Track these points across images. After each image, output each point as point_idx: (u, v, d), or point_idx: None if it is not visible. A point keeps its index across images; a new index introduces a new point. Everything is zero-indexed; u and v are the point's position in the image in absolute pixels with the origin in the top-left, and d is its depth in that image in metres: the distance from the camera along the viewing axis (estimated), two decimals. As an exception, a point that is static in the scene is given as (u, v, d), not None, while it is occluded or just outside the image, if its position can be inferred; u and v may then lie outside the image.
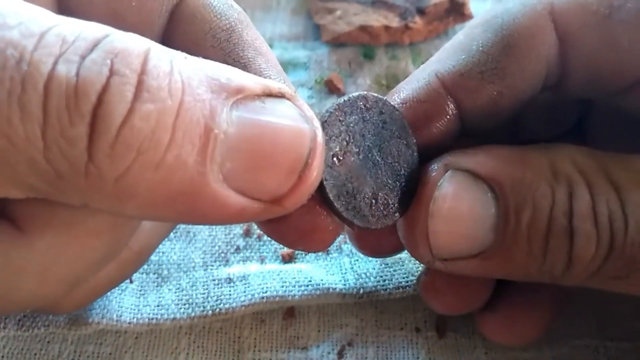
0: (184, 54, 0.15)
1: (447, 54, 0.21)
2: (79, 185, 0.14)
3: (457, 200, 0.19)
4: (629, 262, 0.18)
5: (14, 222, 0.16)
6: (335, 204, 0.18)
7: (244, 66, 0.19)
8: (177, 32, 0.20)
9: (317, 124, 0.16)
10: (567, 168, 0.18)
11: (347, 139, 0.19)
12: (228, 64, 0.18)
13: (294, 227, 0.18)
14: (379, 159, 0.19)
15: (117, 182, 0.13)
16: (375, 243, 0.23)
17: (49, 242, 0.16)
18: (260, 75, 0.19)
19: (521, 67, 0.19)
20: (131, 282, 0.26)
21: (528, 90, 0.20)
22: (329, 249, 0.28)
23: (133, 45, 0.14)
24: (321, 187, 0.18)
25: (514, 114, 0.21)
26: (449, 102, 0.20)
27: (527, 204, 0.18)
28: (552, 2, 0.20)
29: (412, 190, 0.20)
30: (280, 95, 0.16)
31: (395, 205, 0.20)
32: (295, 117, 0.15)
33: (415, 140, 0.20)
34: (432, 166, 0.20)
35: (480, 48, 0.20)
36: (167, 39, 0.20)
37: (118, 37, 0.14)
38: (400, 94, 0.20)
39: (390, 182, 0.20)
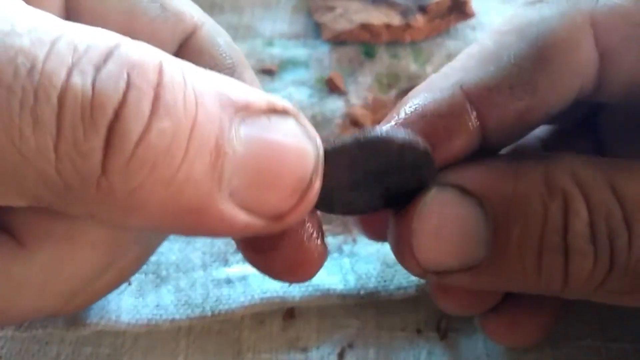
0: (193, 66, 0.15)
1: (475, 63, 0.19)
2: (88, 197, 0.13)
3: (443, 217, 0.18)
4: (634, 279, 0.17)
5: (12, 235, 0.16)
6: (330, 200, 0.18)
7: None
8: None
9: (319, 143, 0.16)
10: (564, 181, 0.17)
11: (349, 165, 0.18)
12: None
13: (282, 258, 0.18)
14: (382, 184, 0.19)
15: (128, 196, 0.13)
16: (379, 226, 0.22)
17: (49, 255, 0.16)
18: None
19: (555, 83, 0.18)
20: (130, 284, 0.26)
21: (558, 106, 0.19)
22: (329, 249, 0.28)
23: (147, 56, 0.14)
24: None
25: (537, 127, 0.20)
26: (472, 118, 0.18)
27: (517, 220, 0.17)
28: (593, 11, 0.18)
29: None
30: (285, 112, 0.16)
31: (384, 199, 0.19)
32: (300, 136, 0.15)
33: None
34: None
35: (512, 60, 0.18)
36: None
37: (131, 46, 0.14)
38: (419, 102, 0.19)
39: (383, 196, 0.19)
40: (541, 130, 0.27)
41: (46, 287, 0.16)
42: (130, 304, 0.25)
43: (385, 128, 0.18)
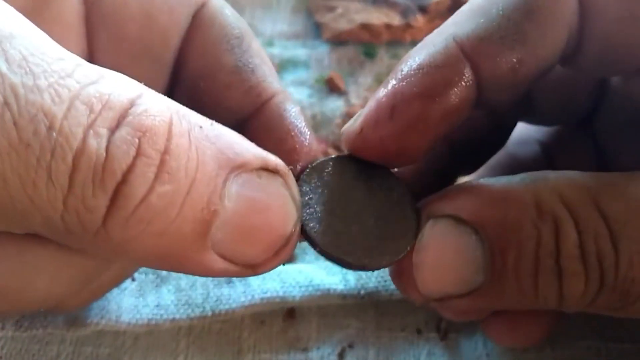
0: (200, 122, 0.16)
1: (465, 17, 0.19)
2: (85, 240, 0.15)
3: (441, 248, 0.19)
4: (623, 295, 0.17)
5: None
6: (324, 247, 0.18)
7: (252, 71, 0.20)
8: (197, 34, 0.21)
9: (299, 206, 0.17)
10: (553, 203, 0.18)
11: (329, 192, 0.19)
12: (239, 67, 0.21)
13: None
14: (366, 208, 0.19)
15: (121, 243, 0.15)
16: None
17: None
18: (265, 79, 0.20)
19: (543, 32, 0.18)
20: (133, 279, 0.26)
21: (548, 59, 0.19)
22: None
23: (160, 119, 0.15)
24: (306, 234, 0.18)
25: (530, 86, 0.20)
26: (467, 69, 0.18)
27: (512, 245, 0.18)
28: None
29: (404, 235, 0.20)
30: (275, 172, 0.17)
31: (388, 246, 0.19)
32: (285, 199, 0.17)
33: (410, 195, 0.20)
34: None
35: (501, 12, 0.18)
36: (190, 38, 0.21)
37: (146, 107, 0.15)
38: (416, 59, 0.19)
39: (381, 226, 0.19)
40: (540, 133, 0.27)
41: (59, 271, 0.17)
42: (130, 304, 0.25)
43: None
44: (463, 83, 0.18)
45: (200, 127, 0.15)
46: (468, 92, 0.19)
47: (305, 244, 0.28)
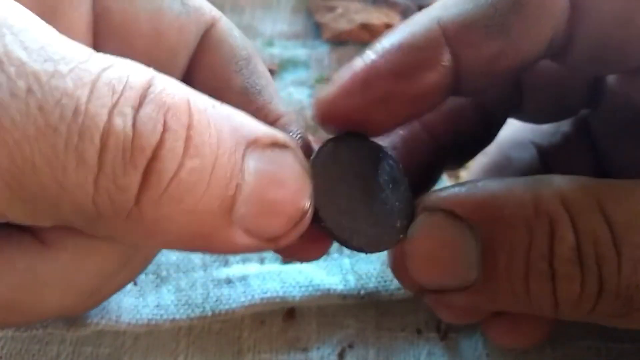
0: (212, 101, 0.16)
1: (453, 2, 0.19)
2: (116, 224, 0.15)
3: (432, 240, 0.19)
4: (626, 302, 0.17)
5: (35, 235, 0.17)
6: (333, 230, 0.19)
7: (259, 92, 0.21)
8: (206, 54, 0.21)
9: (311, 179, 0.18)
10: (552, 205, 0.17)
11: (336, 174, 0.19)
12: (246, 88, 0.21)
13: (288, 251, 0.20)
14: (370, 193, 0.19)
15: (153, 223, 0.15)
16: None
17: (71, 253, 0.17)
18: (271, 101, 0.21)
19: (528, 27, 0.18)
20: (135, 284, 0.26)
21: (530, 53, 0.19)
22: (329, 249, 0.28)
23: (178, 96, 0.15)
24: (317, 217, 0.18)
25: (510, 78, 0.20)
26: (446, 53, 0.18)
27: (504, 244, 0.17)
28: None
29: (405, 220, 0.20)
30: (285, 146, 0.17)
31: (394, 229, 0.19)
32: (298, 170, 0.17)
33: (406, 178, 0.20)
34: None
35: (489, 1, 0.18)
36: (198, 58, 0.21)
37: (162, 85, 0.15)
38: (397, 37, 0.19)
39: (383, 212, 0.19)
40: (536, 135, 0.27)
41: (70, 284, 0.17)
42: (130, 304, 0.25)
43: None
44: (440, 68, 0.18)
45: (213, 106, 0.16)
46: (444, 77, 0.19)
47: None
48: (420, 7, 0.37)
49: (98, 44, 0.20)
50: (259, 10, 0.39)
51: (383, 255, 0.27)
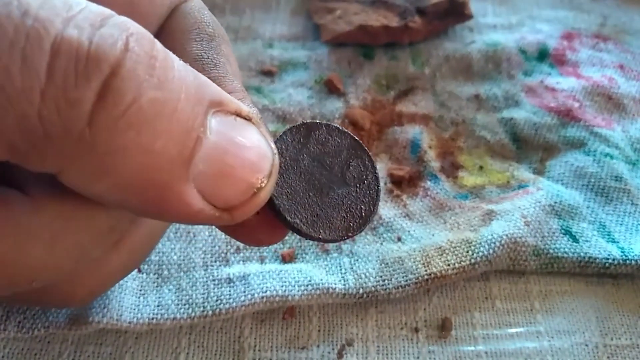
0: (177, 57, 0.15)
1: None
2: (65, 149, 0.13)
3: None
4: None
5: (20, 189, 0.16)
6: (288, 217, 0.19)
7: (214, 65, 0.20)
8: (171, 23, 0.21)
9: (276, 152, 0.17)
10: None
11: (295, 159, 0.19)
12: (202, 58, 0.20)
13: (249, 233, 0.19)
14: (332, 178, 0.19)
15: (106, 155, 0.14)
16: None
17: (56, 209, 0.16)
18: (224, 82, 0.20)
19: None
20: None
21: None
22: (328, 249, 0.28)
23: (144, 31, 0.14)
24: (272, 203, 0.18)
25: None
26: None
27: None
28: None
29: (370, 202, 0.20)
30: (249, 119, 0.17)
31: (359, 215, 0.19)
32: (261, 141, 0.17)
33: (373, 162, 0.20)
34: None
35: None
36: (163, 26, 0.21)
37: (126, 19, 0.14)
38: None
39: (344, 197, 0.19)
40: None
41: (55, 241, 0.16)
42: (131, 303, 0.25)
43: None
44: None
45: (179, 59, 0.15)
46: None
47: (304, 244, 0.28)
48: (418, 9, 0.37)
49: None
50: (259, 12, 0.40)
51: (382, 254, 0.27)
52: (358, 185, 0.20)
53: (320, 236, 0.19)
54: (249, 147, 0.16)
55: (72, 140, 0.13)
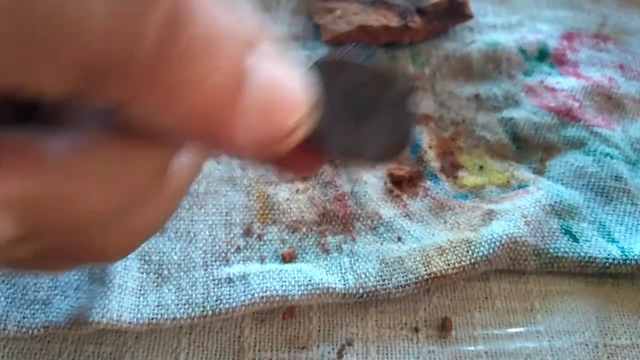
0: None
1: None
2: (130, 79, 0.13)
3: None
4: None
5: (72, 130, 0.16)
6: (333, 143, 0.19)
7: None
8: None
9: (315, 84, 0.18)
10: None
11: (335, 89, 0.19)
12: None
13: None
14: (369, 110, 0.19)
15: (170, 87, 0.14)
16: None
17: (112, 147, 0.16)
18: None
19: None
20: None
21: None
22: (328, 248, 0.28)
23: None
24: (316, 133, 0.18)
25: None
26: None
27: None
28: None
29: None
30: (286, 56, 0.17)
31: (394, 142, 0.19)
32: (301, 76, 0.17)
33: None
34: None
35: None
36: None
37: None
38: None
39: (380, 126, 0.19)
40: None
41: (105, 184, 0.17)
42: (131, 303, 0.25)
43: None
44: None
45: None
46: None
47: (305, 244, 0.28)
48: (418, 9, 0.37)
49: None
50: (259, 12, 0.40)
51: (382, 254, 0.27)
52: (393, 108, 0.20)
53: (367, 159, 0.19)
54: (291, 84, 0.16)
55: (138, 68, 0.13)
